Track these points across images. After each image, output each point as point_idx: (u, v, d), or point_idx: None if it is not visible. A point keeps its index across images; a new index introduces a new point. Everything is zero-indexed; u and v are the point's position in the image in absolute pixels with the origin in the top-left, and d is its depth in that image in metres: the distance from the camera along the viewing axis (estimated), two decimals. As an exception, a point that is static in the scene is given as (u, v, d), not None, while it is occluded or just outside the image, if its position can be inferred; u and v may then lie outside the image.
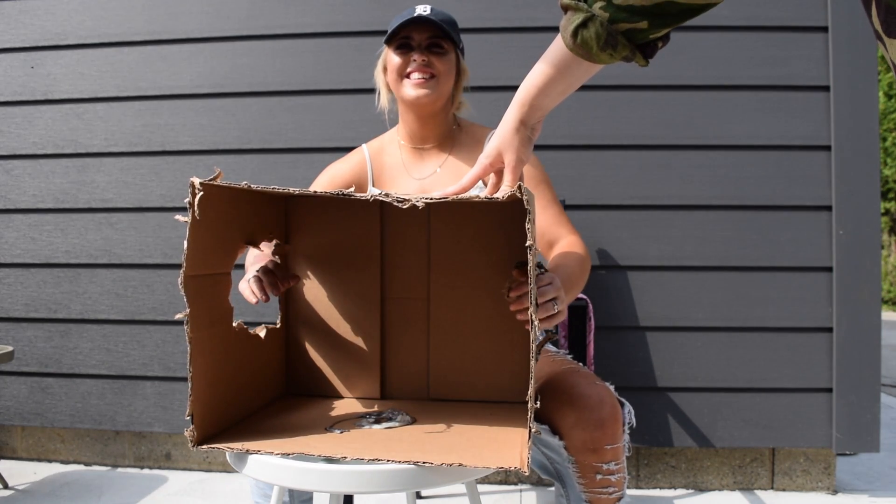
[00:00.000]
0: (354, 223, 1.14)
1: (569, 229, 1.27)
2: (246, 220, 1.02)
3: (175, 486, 2.09)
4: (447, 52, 1.30)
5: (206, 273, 0.91)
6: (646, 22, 0.78)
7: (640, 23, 0.78)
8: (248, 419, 1.01)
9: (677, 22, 0.79)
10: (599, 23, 0.80)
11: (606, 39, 0.81)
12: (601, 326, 2.02)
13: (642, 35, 0.80)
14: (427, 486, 0.83)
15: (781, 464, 2.06)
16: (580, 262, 1.18)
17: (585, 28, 0.81)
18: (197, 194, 0.84)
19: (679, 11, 0.77)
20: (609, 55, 0.82)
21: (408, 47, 1.29)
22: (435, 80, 1.28)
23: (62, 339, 2.23)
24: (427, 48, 1.28)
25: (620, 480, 1.07)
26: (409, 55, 1.28)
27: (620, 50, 0.82)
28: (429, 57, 1.27)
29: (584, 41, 0.82)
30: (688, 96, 2.03)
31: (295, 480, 0.83)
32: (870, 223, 1.96)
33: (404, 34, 1.29)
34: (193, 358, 0.87)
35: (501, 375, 1.10)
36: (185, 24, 2.17)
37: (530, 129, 0.95)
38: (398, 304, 1.14)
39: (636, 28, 0.79)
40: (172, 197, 2.18)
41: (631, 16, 0.78)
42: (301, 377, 1.17)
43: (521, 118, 0.93)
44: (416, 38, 1.29)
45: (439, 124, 1.34)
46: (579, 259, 1.18)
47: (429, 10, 1.28)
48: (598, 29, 0.80)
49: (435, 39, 1.29)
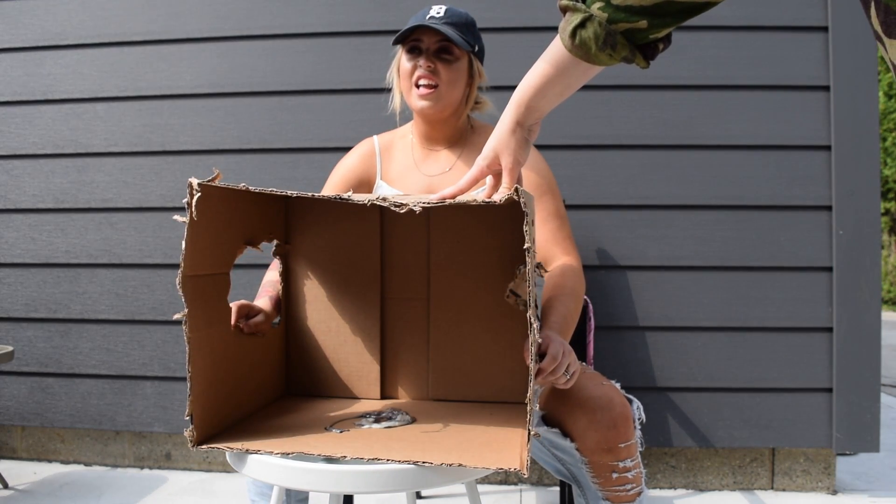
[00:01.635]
0: (354, 223, 1.14)
1: (563, 249, 1.25)
2: (245, 220, 1.02)
3: (175, 486, 2.09)
4: (456, 58, 1.28)
5: (205, 273, 0.91)
6: (645, 21, 0.78)
7: (640, 22, 0.78)
8: (247, 419, 1.02)
9: (677, 22, 0.78)
10: (598, 23, 0.80)
11: (605, 39, 0.80)
12: (601, 326, 2.02)
13: (642, 35, 0.80)
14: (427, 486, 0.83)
15: (781, 464, 2.06)
16: (574, 298, 1.16)
17: (584, 28, 0.81)
18: (195, 195, 0.84)
19: (679, 11, 0.76)
20: (608, 56, 0.82)
21: (417, 51, 1.28)
22: (438, 90, 1.26)
23: (62, 339, 2.23)
24: (435, 53, 1.27)
25: (638, 476, 1.08)
26: (417, 60, 1.27)
27: (620, 50, 0.81)
28: (435, 64, 1.26)
29: (582, 42, 0.82)
30: (688, 96, 2.03)
31: (294, 480, 0.83)
32: (870, 223, 1.96)
33: (415, 37, 1.28)
34: (192, 358, 0.87)
35: (501, 376, 1.10)
36: (185, 24, 2.17)
37: (527, 130, 0.94)
38: (398, 305, 1.14)
39: (635, 28, 0.79)
40: (172, 197, 2.18)
41: (630, 15, 0.78)
42: (301, 377, 1.17)
43: (517, 119, 0.93)
44: (425, 42, 1.27)
45: (449, 128, 1.34)
46: (573, 294, 1.16)
47: (443, 10, 1.27)
48: (597, 29, 0.80)
49: (444, 44, 1.27)
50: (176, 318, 0.87)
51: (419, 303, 1.13)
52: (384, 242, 1.14)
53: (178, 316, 0.86)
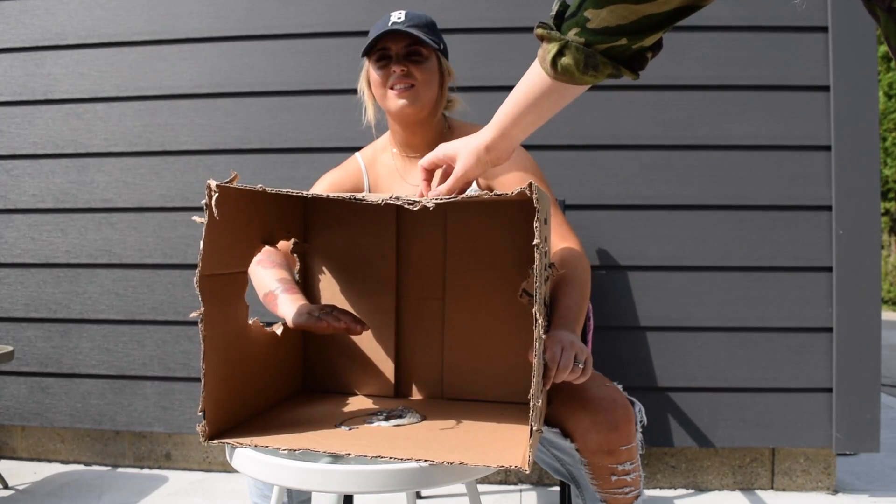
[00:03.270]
0: (371, 222, 1.15)
1: (560, 235, 1.25)
2: (264, 218, 1.03)
3: (175, 486, 2.09)
4: (426, 58, 1.28)
5: (222, 273, 0.92)
6: (624, 38, 0.77)
7: (619, 41, 0.77)
8: (261, 415, 1.03)
9: (661, 30, 0.78)
10: (575, 48, 0.79)
11: (586, 62, 0.80)
12: (601, 326, 2.02)
13: (622, 50, 0.79)
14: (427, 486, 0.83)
15: (781, 464, 2.06)
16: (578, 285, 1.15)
17: (562, 56, 0.81)
18: (213, 196, 0.85)
19: (660, 21, 0.76)
20: (592, 76, 0.82)
21: (387, 59, 1.27)
22: (415, 89, 1.26)
23: (62, 339, 2.23)
24: (405, 57, 1.27)
25: (637, 479, 1.08)
26: (388, 67, 1.27)
27: (602, 70, 0.81)
28: (408, 66, 1.26)
29: (564, 69, 0.82)
30: (688, 96, 2.03)
31: (296, 480, 0.83)
32: (870, 223, 1.96)
33: (381, 45, 1.27)
34: (207, 355, 0.88)
35: (516, 376, 1.10)
36: (185, 24, 2.17)
37: (493, 156, 0.96)
38: (414, 303, 1.14)
39: (615, 46, 0.78)
40: (172, 197, 2.18)
41: (608, 37, 0.77)
42: (318, 374, 1.18)
43: (487, 143, 0.95)
44: (393, 49, 1.27)
45: (428, 130, 1.33)
46: (575, 281, 1.16)
47: (403, 16, 1.26)
48: (575, 54, 0.80)
49: (412, 47, 1.27)
50: (192, 317, 0.88)
51: (435, 301, 1.13)
52: (400, 241, 1.15)
53: (195, 315, 0.86)
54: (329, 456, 0.85)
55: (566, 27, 0.80)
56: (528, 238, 1.07)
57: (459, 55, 1.99)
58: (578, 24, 0.78)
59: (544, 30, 0.82)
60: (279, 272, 1.17)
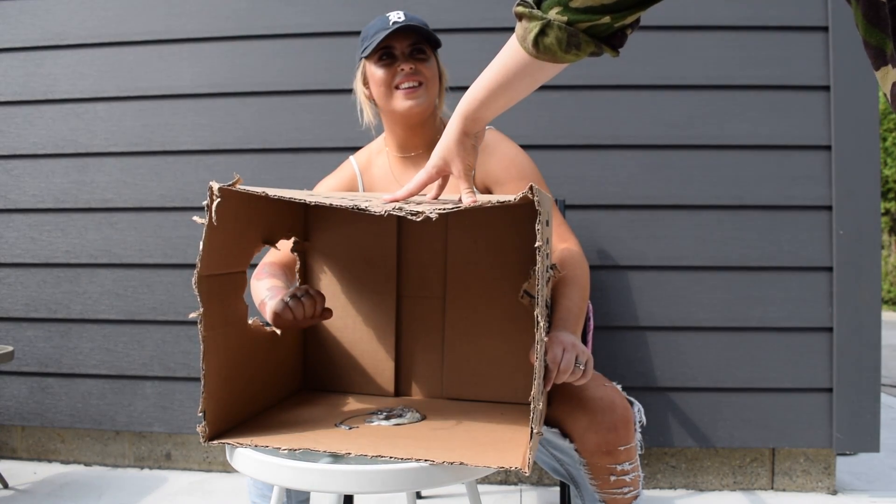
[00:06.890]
0: (372, 222, 1.15)
1: (560, 236, 1.25)
2: (264, 219, 1.03)
3: (175, 486, 2.09)
4: (429, 57, 1.28)
5: (221, 273, 0.92)
6: (608, 17, 0.77)
7: (602, 19, 0.77)
8: (261, 414, 1.02)
9: (642, 8, 0.77)
10: (558, 27, 0.79)
11: (568, 41, 0.79)
12: (601, 326, 2.02)
13: (605, 28, 0.79)
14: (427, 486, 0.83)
15: (781, 464, 2.05)
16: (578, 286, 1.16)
17: (545, 35, 0.80)
18: (215, 200, 0.84)
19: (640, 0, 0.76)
20: (574, 55, 0.82)
21: (390, 57, 1.27)
22: (423, 87, 1.26)
23: (62, 339, 2.23)
24: (411, 55, 1.27)
25: (636, 479, 1.08)
26: (393, 66, 1.26)
27: (585, 48, 0.81)
28: (415, 65, 1.26)
29: (546, 48, 0.81)
30: (688, 96, 2.03)
31: (295, 480, 0.83)
32: (870, 223, 1.96)
33: (384, 44, 1.27)
34: (206, 356, 0.87)
35: (516, 376, 1.10)
36: (185, 24, 2.17)
37: (474, 137, 0.97)
38: (414, 303, 1.14)
39: (598, 24, 0.78)
40: (172, 197, 2.18)
41: (591, 15, 0.77)
42: (318, 373, 1.18)
43: (463, 130, 0.95)
44: (398, 48, 1.26)
45: (428, 130, 1.33)
46: (575, 282, 1.16)
47: (402, 15, 1.26)
48: (558, 33, 0.79)
49: (417, 45, 1.27)
50: (191, 318, 0.88)
51: (435, 301, 1.13)
52: (401, 241, 1.15)
53: (194, 315, 0.86)
54: (329, 455, 0.85)
55: (546, 6, 0.79)
56: (528, 238, 1.07)
57: (459, 55, 1.98)
58: (560, 3, 0.77)
59: (524, 7, 0.82)
60: (271, 281, 1.17)
